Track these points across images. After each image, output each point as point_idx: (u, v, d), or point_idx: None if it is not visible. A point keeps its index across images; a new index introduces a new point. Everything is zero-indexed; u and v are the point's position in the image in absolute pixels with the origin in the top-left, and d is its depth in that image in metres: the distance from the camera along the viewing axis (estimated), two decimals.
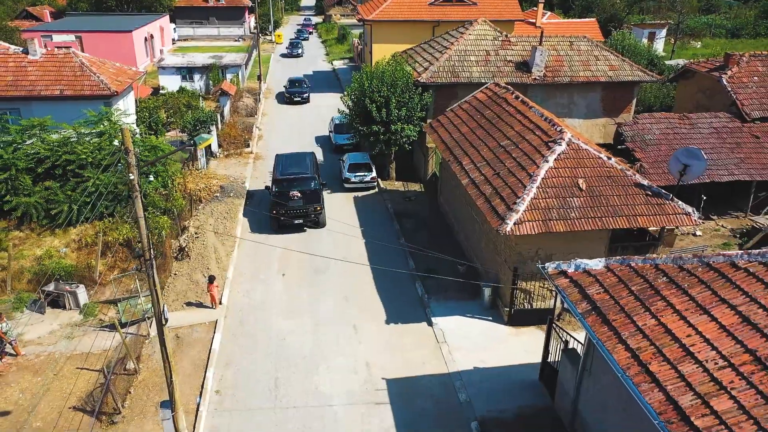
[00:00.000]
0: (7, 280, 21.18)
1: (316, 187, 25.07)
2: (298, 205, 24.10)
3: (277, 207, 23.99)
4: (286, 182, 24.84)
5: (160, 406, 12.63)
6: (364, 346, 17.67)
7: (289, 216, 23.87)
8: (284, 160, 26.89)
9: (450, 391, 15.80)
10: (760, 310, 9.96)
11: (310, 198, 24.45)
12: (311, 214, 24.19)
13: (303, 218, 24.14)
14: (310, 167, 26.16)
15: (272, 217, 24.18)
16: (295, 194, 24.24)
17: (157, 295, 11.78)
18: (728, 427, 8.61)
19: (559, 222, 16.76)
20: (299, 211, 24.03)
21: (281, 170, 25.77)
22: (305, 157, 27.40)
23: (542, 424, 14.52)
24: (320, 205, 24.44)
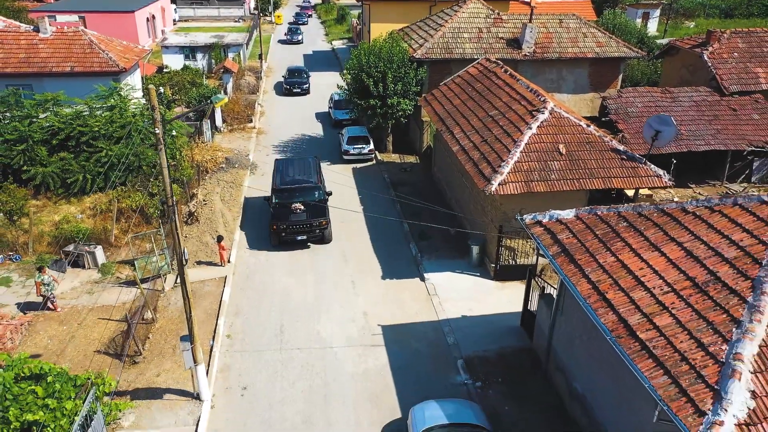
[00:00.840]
0: (29, 242, 22.71)
1: (321, 197, 22.62)
2: (301, 219, 21.64)
3: (277, 221, 21.58)
4: (286, 193, 22.48)
5: (180, 340, 14.23)
6: (362, 299, 19.28)
7: (291, 232, 21.57)
8: (284, 167, 24.39)
9: (439, 335, 17.44)
10: (702, 246, 11.51)
11: (314, 211, 21.96)
12: (316, 229, 21.75)
13: (307, 234, 21.73)
14: (314, 175, 23.70)
15: (272, 233, 21.87)
16: (298, 207, 21.82)
17: (179, 236, 13.30)
18: (666, 338, 10.20)
19: (540, 183, 18.27)
20: (302, 227, 21.63)
21: (281, 179, 23.29)
22: (308, 162, 24.89)
23: (521, 361, 16.17)
24: (326, 219, 21.92)
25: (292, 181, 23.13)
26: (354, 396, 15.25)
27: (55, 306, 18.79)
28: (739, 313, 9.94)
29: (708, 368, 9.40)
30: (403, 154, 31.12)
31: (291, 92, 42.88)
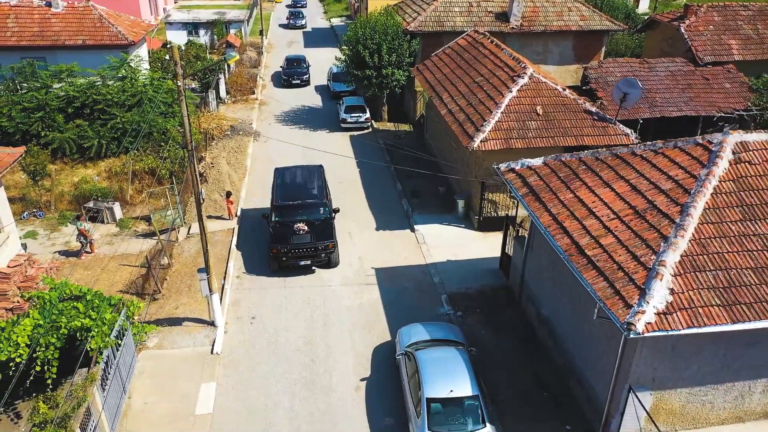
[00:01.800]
0: (51, 200, 24.70)
1: (327, 215, 20.02)
2: (305, 242, 19.03)
3: (277, 244, 19.00)
4: (288, 210, 19.90)
5: (198, 272, 16.28)
6: (357, 247, 21.31)
7: (294, 256, 19.03)
8: (285, 178, 21.62)
9: (426, 276, 19.51)
10: (645, 181, 13.48)
11: (320, 232, 19.36)
12: (321, 253, 19.16)
13: (311, 259, 19.17)
14: (319, 188, 20.99)
15: (271, 257, 19.28)
16: (301, 227, 19.31)
17: (196, 178, 15.26)
18: (608, 253, 12.23)
19: (518, 140, 20.19)
20: (306, 250, 18.98)
21: (282, 193, 20.68)
22: (312, 173, 21.99)
23: (498, 296, 18.26)
24: (333, 241, 19.34)
25: (294, 195, 20.45)
26: (350, 324, 17.35)
27: (92, 248, 20.87)
28: (668, 231, 11.96)
29: (638, 273, 11.44)
30: (398, 122, 32.96)
31: (290, 84, 40.15)
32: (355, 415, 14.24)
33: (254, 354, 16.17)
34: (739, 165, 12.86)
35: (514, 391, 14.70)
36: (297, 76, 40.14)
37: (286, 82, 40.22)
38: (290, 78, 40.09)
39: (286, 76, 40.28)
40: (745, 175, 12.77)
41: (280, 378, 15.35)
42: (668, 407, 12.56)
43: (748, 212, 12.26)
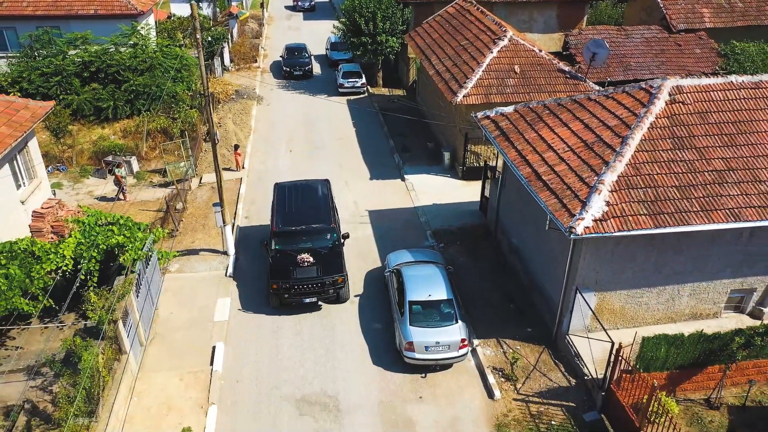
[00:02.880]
0: (72, 156, 27.01)
1: (335, 242, 17.48)
2: (310, 276, 16.44)
3: (278, 279, 16.41)
4: (290, 238, 17.32)
5: (212, 206, 18.66)
6: (352, 194, 23.69)
7: (298, 293, 16.45)
8: (286, 197, 18.91)
9: (413, 216, 21.93)
10: (596, 120, 15.79)
11: (328, 263, 16.82)
12: (329, 288, 16.60)
13: (317, 295, 16.62)
14: (326, 209, 18.33)
15: (271, 293, 16.65)
16: (305, 258, 16.73)
17: (212, 119, 17.56)
18: (560, 177, 14.60)
19: (497, 95, 22.44)
20: (312, 286, 16.42)
21: (282, 216, 18.02)
22: (318, 190, 19.33)
23: (476, 232, 20.68)
24: (343, 275, 16.82)
25: (297, 219, 17.78)
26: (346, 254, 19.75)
27: (125, 196, 23.20)
28: (609, 158, 14.31)
29: (582, 191, 13.82)
30: (392, 88, 35.11)
31: (291, 75, 36.69)
32: (350, 322, 16.74)
33: (262, 276, 18.62)
34: (673, 105, 15.17)
35: (486, 304, 17.18)
36: (299, 66, 36.92)
37: (287, 73, 36.82)
38: (291, 69, 36.75)
39: (287, 67, 36.91)
40: (677, 113, 15.08)
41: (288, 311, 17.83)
42: (610, 307, 15.03)
43: (677, 143, 14.60)
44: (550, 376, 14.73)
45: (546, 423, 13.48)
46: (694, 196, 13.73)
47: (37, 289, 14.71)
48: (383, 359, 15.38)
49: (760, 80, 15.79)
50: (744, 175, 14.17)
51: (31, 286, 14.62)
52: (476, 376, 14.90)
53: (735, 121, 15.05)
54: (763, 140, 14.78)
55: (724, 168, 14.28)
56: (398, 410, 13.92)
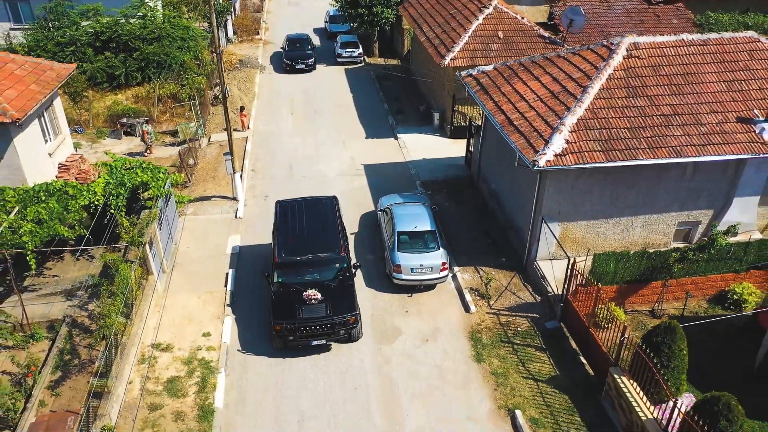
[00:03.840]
0: (89, 119, 29.07)
1: (345, 271, 15.49)
2: (319, 315, 14.52)
3: (281, 320, 14.50)
4: (295, 270, 15.32)
5: (223, 155, 20.79)
6: (349, 151, 25.81)
7: (304, 335, 14.50)
8: (290, 219, 16.77)
9: (404, 169, 24.09)
10: (563, 74, 17.87)
11: (338, 299, 14.87)
12: (340, 329, 14.66)
13: (327, 336, 14.70)
14: (335, 233, 16.26)
15: (274, 335, 14.68)
16: (312, 296, 14.77)
17: (222, 77, 19.61)
18: (529, 122, 16.71)
19: (482, 59, 24.45)
20: (320, 327, 14.48)
21: (285, 243, 15.85)
22: (324, 210, 17.24)
23: (461, 182, 22.87)
24: (355, 313, 14.85)
25: (302, 246, 15.63)
26: (343, 201, 21.79)
27: (151, 150, 25.27)
28: (571, 104, 16.42)
29: (546, 132, 15.95)
30: (387, 57, 37.03)
31: (293, 69, 34.00)
32: None
33: (268, 218, 20.73)
34: (630, 59, 17.24)
35: (466, 239, 19.41)
36: (301, 59, 34.06)
37: (289, 66, 34.10)
38: (293, 62, 34.00)
39: (288, 60, 34.20)
40: (633, 66, 17.16)
41: None
42: (572, 237, 17.25)
43: (631, 91, 16.70)
44: (519, 295, 17.01)
45: (513, 330, 15.78)
46: (642, 136, 15.88)
47: (73, 221, 16.90)
48: (375, 283, 17.65)
49: (708, 38, 17.85)
50: (687, 119, 16.30)
51: (67, 217, 16.80)
52: (455, 296, 17.18)
53: (683, 74, 17.14)
54: (706, 90, 16.88)
55: (670, 113, 16.41)
56: (387, 322, 16.22)
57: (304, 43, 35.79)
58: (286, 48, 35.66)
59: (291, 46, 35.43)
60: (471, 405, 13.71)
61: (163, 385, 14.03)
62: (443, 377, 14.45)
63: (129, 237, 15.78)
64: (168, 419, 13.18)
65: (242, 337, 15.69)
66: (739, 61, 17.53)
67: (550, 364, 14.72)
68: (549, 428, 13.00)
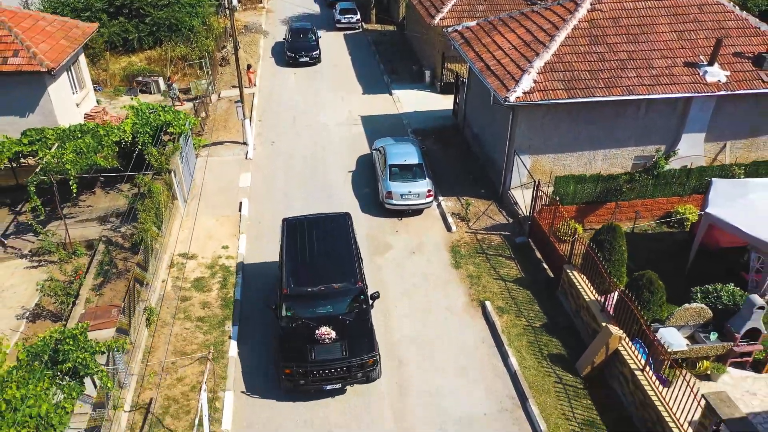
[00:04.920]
0: (107, 78, 31.41)
1: (362, 304, 13.76)
2: (334, 357, 12.96)
3: (291, 363, 12.92)
4: (305, 303, 13.59)
5: (234, 102, 23.23)
6: (348, 105, 28.26)
7: (317, 380, 12.96)
8: (299, 241, 14.90)
9: (397, 120, 26.56)
10: (535, 26, 20.26)
11: (355, 338, 13.26)
12: (357, 372, 13.07)
13: (342, 381, 13.14)
14: (351, 259, 14.45)
15: (283, 378, 13.04)
16: (326, 334, 13.08)
17: (234, 31, 21.95)
18: (504, 67, 19.16)
19: (468, 18, 26.75)
20: (335, 370, 12.94)
21: (296, 272, 14.04)
22: (337, 231, 15.36)
23: (448, 130, 25.36)
24: (374, 354, 13.19)
25: (314, 275, 13.89)
26: (342, 146, 24.49)
27: (182, 102, 27.60)
28: (540, 51, 18.85)
29: (517, 74, 18.40)
30: (384, 24, 39.25)
31: (296, 62, 31.98)
32: (344, 188, 21.57)
33: (275, 159, 23.39)
34: (593, 12, 19.62)
35: (450, 176, 21.96)
36: (305, 52, 31.98)
37: (292, 60, 32.04)
38: (296, 55, 31.93)
39: (291, 53, 32.11)
40: (596, 18, 19.55)
41: (293, 173, 22.60)
42: (541, 168, 19.80)
43: (593, 40, 19.11)
44: (494, 218, 19.63)
45: (487, 244, 18.42)
46: (600, 77, 18.34)
47: (107, 154, 19.42)
48: (370, 209, 20.26)
49: None
50: (641, 63, 18.75)
51: (102, 150, 19.32)
52: (439, 219, 19.80)
53: (639, 25, 19.54)
54: (659, 39, 19.29)
55: (626, 58, 18.85)
56: (380, 239, 18.85)
57: (308, 33, 33.33)
58: (289, 39, 33.26)
59: (294, 37, 33.15)
60: (449, 299, 16.39)
61: (191, 283, 16.71)
62: (426, 279, 17.12)
63: (158, 164, 18.34)
64: (197, 307, 15.88)
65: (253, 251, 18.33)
66: (690, 14, 19.91)
67: (517, 269, 17.38)
68: (512, 314, 15.69)
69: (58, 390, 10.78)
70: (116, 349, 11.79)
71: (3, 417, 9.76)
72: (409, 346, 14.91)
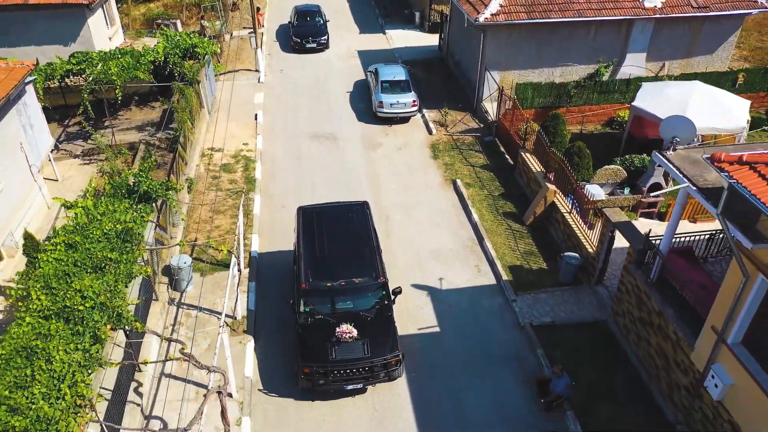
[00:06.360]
0: (129, 22, 34.97)
1: (383, 296, 13.26)
2: (356, 357, 12.41)
3: (311, 362, 12.36)
4: (325, 298, 13.13)
5: (248, 33, 26.87)
6: (346, 42, 31.92)
7: (338, 379, 12.43)
8: (317, 232, 14.32)
9: (390, 53, 30.31)
10: None
11: (377, 336, 12.73)
12: (380, 372, 12.51)
13: (364, 381, 12.56)
14: (371, 251, 13.91)
15: (302, 377, 12.46)
16: (347, 332, 12.60)
17: None
18: None
19: None
20: (358, 370, 12.40)
21: (314, 265, 13.47)
22: (355, 221, 14.78)
23: (434, 61, 29.14)
24: (397, 354, 12.56)
25: (333, 269, 13.36)
26: (341, 74, 28.25)
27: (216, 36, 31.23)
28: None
29: (486, 1, 22.08)
30: None
31: (303, 48, 30.02)
32: (343, 104, 25.45)
33: (284, 83, 27.19)
34: None
35: (434, 95, 25.78)
36: (312, 37, 29.99)
37: (298, 45, 30.11)
38: (303, 40, 29.98)
39: (297, 38, 30.13)
40: None
41: (300, 93, 26.42)
42: (508, 83, 23.60)
43: None
44: (468, 124, 23.55)
45: (461, 143, 22.37)
46: (556, 2, 22.02)
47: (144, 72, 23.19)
48: (364, 119, 24.18)
49: None
50: None
51: (140, 67, 23.08)
52: (422, 125, 23.73)
53: None
54: None
55: None
56: (372, 139, 22.79)
57: (315, 16, 31.10)
58: (294, 23, 31.03)
59: (300, 20, 30.92)
60: (427, 179, 20.40)
61: (220, 167, 20.71)
62: (410, 166, 21.12)
63: (190, 74, 22.16)
64: (225, 182, 19.91)
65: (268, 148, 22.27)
66: None
67: (484, 159, 21.36)
68: (477, 188, 19.72)
69: (134, 212, 14.80)
70: (172, 188, 15.78)
71: (100, 221, 13.78)
72: (395, 209, 18.98)
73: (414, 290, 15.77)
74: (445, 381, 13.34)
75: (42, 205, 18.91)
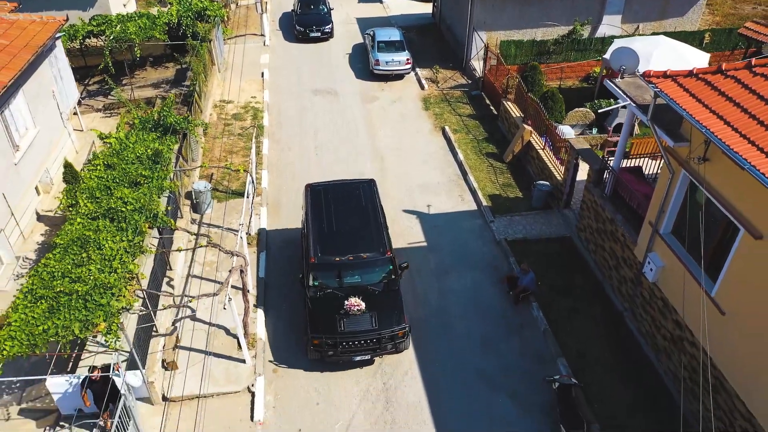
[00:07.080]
0: None
1: (390, 270, 13.73)
2: (364, 329, 12.94)
3: (320, 333, 12.93)
4: (334, 272, 13.61)
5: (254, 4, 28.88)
6: (345, 10, 33.92)
7: (347, 350, 12.98)
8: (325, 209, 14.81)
9: (386, 20, 32.32)
10: None
11: (385, 309, 13.26)
12: (388, 344, 13.11)
13: (372, 352, 13.12)
14: (378, 228, 14.35)
15: (311, 349, 13.08)
16: (355, 305, 13.12)
17: None
18: None
19: None
20: (365, 342, 12.95)
21: (322, 240, 13.95)
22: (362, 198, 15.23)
23: (429, 27, 31.17)
24: (404, 326, 13.13)
25: (341, 244, 13.87)
26: (341, 38, 30.24)
27: None
28: None
29: None
30: None
31: (306, 37, 29.44)
32: (343, 64, 27.55)
33: (287, 46, 29.19)
34: None
35: (426, 56, 27.82)
36: (316, 26, 29.36)
37: (301, 34, 29.45)
38: (306, 29, 29.33)
39: (301, 26, 29.47)
40: None
41: (303, 54, 28.47)
42: (494, 43, 25.64)
43: None
44: (457, 81, 25.66)
45: (450, 96, 24.49)
46: None
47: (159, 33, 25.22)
48: (362, 76, 26.30)
49: None
50: None
51: (156, 28, 25.11)
52: (415, 82, 25.85)
53: None
54: None
55: None
56: (369, 94, 24.92)
57: (319, 3, 30.47)
58: (298, 10, 30.37)
59: (303, 7, 30.35)
60: (419, 126, 22.57)
61: (231, 116, 22.87)
62: (403, 116, 23.28)
63: (202, 32, 24.23)
64: (236, 128, 22.10)
65: (274, 100, 24.40)
66: None
67: (470, 109, 23.50)
68: (463, 133, 21.90)
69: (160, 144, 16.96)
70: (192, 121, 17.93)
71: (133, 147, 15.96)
72: (389, 151, 21.17)
73: (405, 214, 18.03)
74: (431, 282, 15.63)
75: (71, 150, 21.07)
